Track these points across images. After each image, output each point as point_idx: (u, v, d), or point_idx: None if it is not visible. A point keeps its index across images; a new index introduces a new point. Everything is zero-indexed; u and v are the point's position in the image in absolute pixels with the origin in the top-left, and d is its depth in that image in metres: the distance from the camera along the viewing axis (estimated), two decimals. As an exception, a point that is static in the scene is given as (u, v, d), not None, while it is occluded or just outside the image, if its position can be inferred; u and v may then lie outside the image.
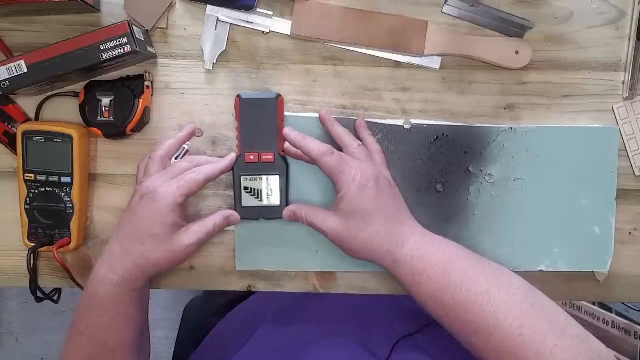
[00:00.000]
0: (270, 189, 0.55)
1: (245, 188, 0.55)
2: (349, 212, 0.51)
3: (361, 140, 0.56)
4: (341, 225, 0.51)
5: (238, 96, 0.55)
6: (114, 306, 0.51)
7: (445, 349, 0.53)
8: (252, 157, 0.55)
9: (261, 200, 0.55)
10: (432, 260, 0.49)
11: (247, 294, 0.75)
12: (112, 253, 0.51)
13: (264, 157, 0.55)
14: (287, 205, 0.56)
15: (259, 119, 0.55)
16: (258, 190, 0.55)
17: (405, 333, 0.60)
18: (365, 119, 0.57)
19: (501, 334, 0.44)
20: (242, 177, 0.55)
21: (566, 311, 0.46)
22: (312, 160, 0.52)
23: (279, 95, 0.55)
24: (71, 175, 0.55)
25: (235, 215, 0.55)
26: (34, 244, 0.55)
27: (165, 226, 0.50)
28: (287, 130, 0.54)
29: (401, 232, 0.51)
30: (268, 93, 0.56)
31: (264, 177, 0.55)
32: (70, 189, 0.55)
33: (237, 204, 0.56)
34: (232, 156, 0.55)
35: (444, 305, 0.47)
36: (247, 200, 0.55)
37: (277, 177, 0.55)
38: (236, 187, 0.55)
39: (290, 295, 0.61)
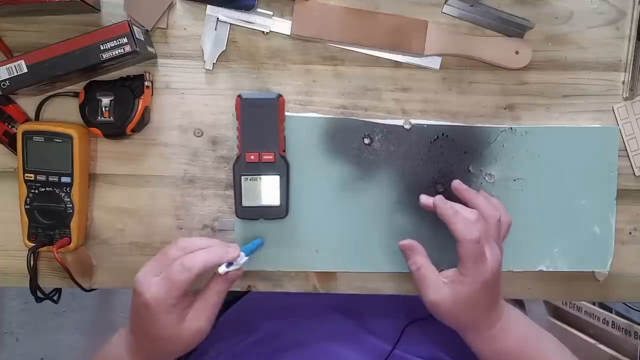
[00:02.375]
0: (270, 189, 0.55)
1: (246, 188, 0.55)
2: (461, 299, 0.49)
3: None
4: (446, 303, 0.49)
5: (239, 96, 0.55)
6: None
7: (452, 336, 0.53)
8: (252, 157, 0.55)
9: (261, 200, 0.55)
10: (513, 340, 0.52)
11: (244, 294, 0.75)
12: (129, 343, 0.51)
13: (264, 157, 0.55)
14: (287, 205, 0.56)
15: (260, 119, 0.55)
16: (258, 190, 0.55)
17: (412, 319, 0.60)
18: (365, 119, 0.57)
19: None
20: (242, 177, 0.55)
21: (566, 311, 0.47)
22: (453, 235, 0.49)
23: (279, 95, 0.55)
24: (71, 175, 0.55)
25: (234, 274, 0.50)
26: (34, 244, 0.55)
27: (167, 327, 0.47)
28: (438, 201, 0.51)
29: (494, 316, 0.51)
30: (269, 93, 0.56)
31: (264, 177, 0.55)
32: (70, 189, 0.55)
33: (237, 204, 0.56)
34: (236, 249, 0.50)
35: None
36: (247, 200, 0.55)
37: (278, 177, 0.55)
38: (236, 186, 0.55)
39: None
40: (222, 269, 0.47)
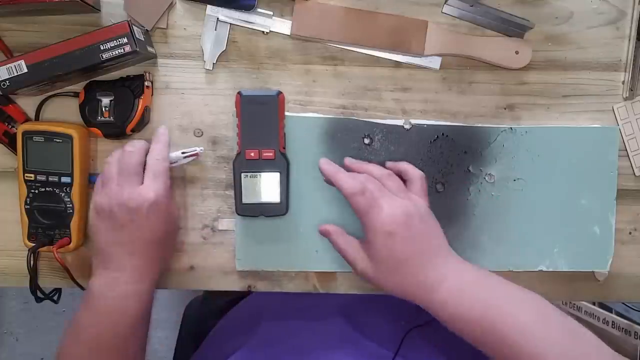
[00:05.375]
0: (270, 186, 0.55)
1: (246, 185, 0.55)
2: (377, 259, 0.49)
3: (400, 173, 0.54)
4: (370, 268, 0.50)
5: (239, 93, 0.55)
6: (147, 316, 0.53)
7: (454, 341, 0.53)
8: (252, 154, 0.55)
9: (261, 197, 0.55)
10: (470, 305, 0.47)
11: (246, 294, 0.75)
12: (136, 268, 0.51)
13: (264, 154, 0.55)
14: (287, 202, 0.56)
15: (260, 116, 0.55)
16: (258, 187, 0.55)
17: (413, 325, 0.60)
18: (365, 119, 0.57)
19: None
20: (242, 174, 0.55)
21: (566, 311, 0.47)
22: (342, 194, 0.51)
23: (279, 92, 0.55)
24: (71, 175, 0.55)
25: (163, 134, 0.56)
26: (34, 244, 0.55)
27: (177, 220, 0.55)
28: (323, 164, 0.54)
29: (434, 277, 0.48)
30: (269, 90, 0.56)
31: (264, 174, 0.55)
32: (70, 189, 0.55)
33: (237, 201, 0.56)
34: (162, 129, 0.56)
35: (484, 344, 0.47)
36: (248, 197, 0.55)
37: (278, 174, 0.55)
38: (236, 183, 0.55)
39: (291, 292, 0.61)
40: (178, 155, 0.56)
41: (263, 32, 0.57)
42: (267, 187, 0.55)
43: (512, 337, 0.45)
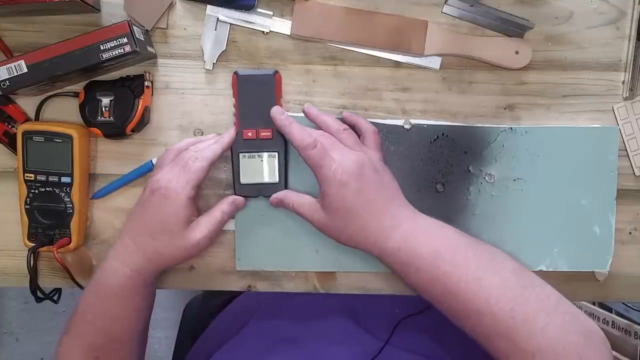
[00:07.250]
0: (269, 165, 0.55)
1: (244, 165, 0.55)
2: (331, 209, 0.50)
3: (354, 127, 0.55)
4: (326, 220, 0.51)
5: (235, 73, 0.55)
6: (125, 298, 0.52)
7: (447, 330, 0.52)
8: (250, 134, 0.55)
9: (260, 177, 0.55)
10: (421, 252, 0.47)
11: (239, 294, 0.75)
12: (125, 247, 0.52)
13: (262, 134, 0.55)
14: (286, 182, 0.56)
15: (257, 96, 0.55)
16: (256, 167, 0.55)
17: (406, 314, 0.60)
18: (365, 119, 0.57)
19: (493, 318, 0.44)
20: (240, 154, 0.55)
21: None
22: (295, 148, 0.52)
23: (276, 72, 0.55)
24: (71, 175, 0.55)
25: (240, 199, 0.55)
26: (34, 244, 0.56)
27: (179, 222, 0.51)
28: (275, 113, 0.53)
29: (387, 225, 0.49)
30: (265, 69, 0.56)
31: (263, 154, 0.55)
32: (70, 189, 0.55)
33: (235, 182, 0.55)
34: (231, 132, 0.55)
35: (435, 294, 0.47)
36: (246, 178, 0.55)
37: (276, 153, 0.55)
38: (234, 164, 0.55)
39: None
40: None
41: (263, 32, 0.57)
42: (265, 167, 0.55)
43: (460, 287, 0.45)
